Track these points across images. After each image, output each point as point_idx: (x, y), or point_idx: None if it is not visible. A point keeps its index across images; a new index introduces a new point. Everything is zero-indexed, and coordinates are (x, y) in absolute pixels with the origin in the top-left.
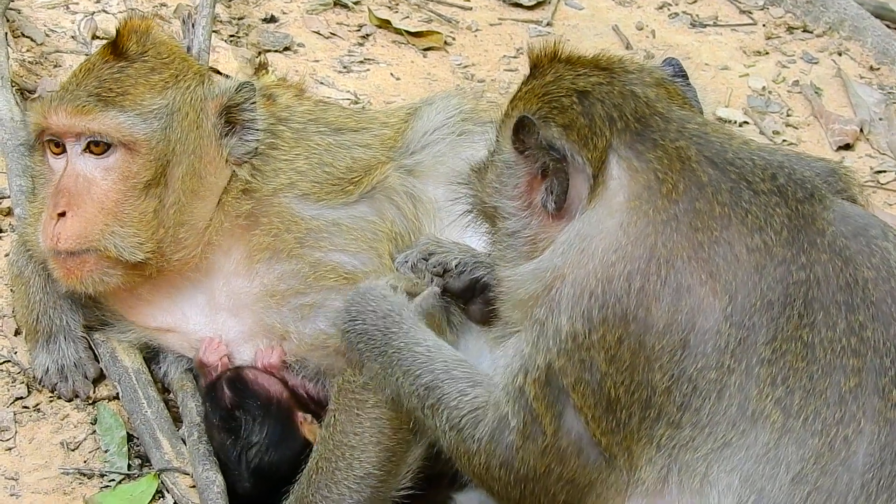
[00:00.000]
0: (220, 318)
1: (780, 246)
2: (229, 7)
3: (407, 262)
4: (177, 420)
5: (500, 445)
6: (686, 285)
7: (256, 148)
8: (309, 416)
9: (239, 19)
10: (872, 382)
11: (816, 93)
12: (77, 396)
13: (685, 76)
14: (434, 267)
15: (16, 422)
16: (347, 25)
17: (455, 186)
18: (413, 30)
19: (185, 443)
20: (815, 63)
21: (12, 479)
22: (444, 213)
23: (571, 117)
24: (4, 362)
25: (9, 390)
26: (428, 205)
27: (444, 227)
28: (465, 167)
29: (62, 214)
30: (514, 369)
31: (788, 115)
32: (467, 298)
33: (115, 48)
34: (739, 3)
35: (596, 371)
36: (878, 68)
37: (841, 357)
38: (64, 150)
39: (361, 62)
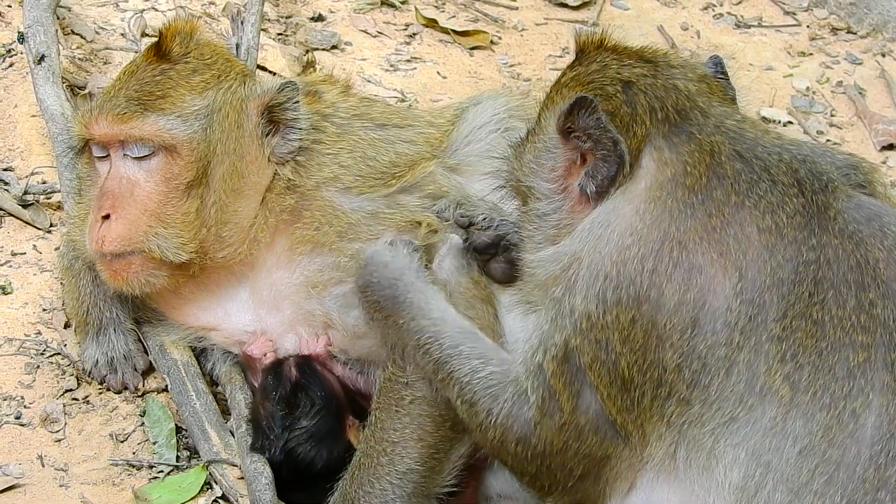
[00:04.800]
0: (261, 312)
1: (792, 228)
2: (277, 5)
3: (435, 207)
4: (225, 412)
5: (517, 421)
6: (697, 265)
7: (299, 147)
8: (357, 422)
9: (287, 18)
10: (881, 357)
11: (860, 93)
12: (126, 388)
13: (726, 75)
14: (461, 217)
15: (65, 413)
16: (394, 24)
17: (494, 161)
18: (459, 29)
19: (233, 435)
20: (859, 64)
21: (62, 470)
22: None
23: (616, 105)
24: (54, 354)
25: (58, 382)
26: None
27: None
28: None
29: (107, 217)
30: (533, 346)
31: (832, 116)
32: (490, 255)
33: (159, 50)
34: (783, 4)
35: (611, 351)
36: None
37: (850, 333)
38: (108, 154)
39: (408, 61)
